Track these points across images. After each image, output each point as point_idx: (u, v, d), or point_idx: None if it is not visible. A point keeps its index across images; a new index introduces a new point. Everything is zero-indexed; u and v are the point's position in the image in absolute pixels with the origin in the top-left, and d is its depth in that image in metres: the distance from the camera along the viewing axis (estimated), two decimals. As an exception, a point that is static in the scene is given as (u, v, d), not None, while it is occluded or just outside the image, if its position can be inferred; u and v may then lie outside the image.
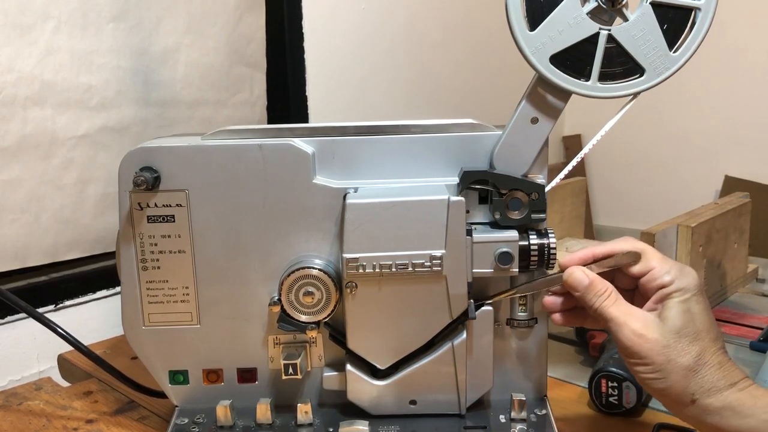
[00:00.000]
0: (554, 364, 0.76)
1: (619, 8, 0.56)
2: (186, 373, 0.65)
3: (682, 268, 0.55)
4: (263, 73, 1.47)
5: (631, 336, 0.52)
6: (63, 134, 1.11)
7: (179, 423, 0.64)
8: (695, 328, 0.52)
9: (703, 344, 0.52)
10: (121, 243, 0.62)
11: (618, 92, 0.57)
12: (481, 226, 0.61)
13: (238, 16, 1.39)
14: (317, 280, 0.60)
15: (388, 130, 0.61)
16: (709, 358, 0.52)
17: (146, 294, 0.62)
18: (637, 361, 0.52)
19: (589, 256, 0.58)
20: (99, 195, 1.17)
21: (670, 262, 0.56)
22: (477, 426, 0.62)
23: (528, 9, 0.56)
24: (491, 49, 1.93)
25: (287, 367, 0.62)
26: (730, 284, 1.03)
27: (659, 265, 0.55)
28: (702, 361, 0.51)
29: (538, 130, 0.59)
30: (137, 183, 0.58)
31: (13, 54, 1.04)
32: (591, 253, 0.58)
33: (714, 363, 0.51)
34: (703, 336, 0.52)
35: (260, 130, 0.62)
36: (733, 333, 0.88)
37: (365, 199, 0.58)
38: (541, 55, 0.56)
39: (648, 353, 0.52)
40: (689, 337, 0.52)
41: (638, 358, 0.52)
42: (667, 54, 0.56)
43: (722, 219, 0.97)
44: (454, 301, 0.59)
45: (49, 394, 0.77)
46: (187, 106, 1.31)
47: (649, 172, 2.30)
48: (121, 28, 1.18)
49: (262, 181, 0.60)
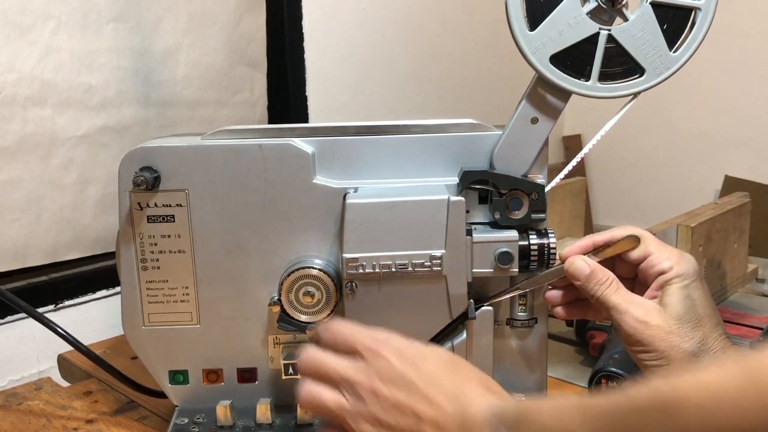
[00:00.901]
0: (554, 364, 0.76)
1: (619, 8, 0.56)
2: (186, 373, 0.65)
3: (681, 254, 0.56)
4: (264, 73, 1.47)
5: (634, 323, 0.52)
6: (63, 134, 1.11)
7: (179, 423, 0.64)
8: (697, 313, 0.52)
9: (705, 330, 0.52)
10: (121, 243, 0.62)
11: (618, 92, 0.57)
12: (481, 226, 0.61)
13: (238, 16, 1.39)
14: (317, 280, 0.60)
15: (388, 130, 0.61)
16: (712, 343, 0.52)
17: (146, 294, 0.62)
18: (640, 348, 0.52)
19: (589, 245, 0.58)
20: (99, 195, 1.17)
21: (669, 248, 0.56)
22: (477, 426, 0.62)
23: (528, 9, 0.56)
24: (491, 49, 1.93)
25: (287, 367, 0.62)
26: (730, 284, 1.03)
27: (658, 251, 0.56)
28: (705, 346, 0.51)
29: (538, 130, 0.59)
30: (137, 183, 0.58)
31: (13, 54, 1.04)
32: (591, 242, 0.58)
33: (717, 348, 0.52)
34: (705, 322, 0.52)
35: (260, 130, 0.62)
36: (733, 333, 0.88)
37: (365, 199, 0.58)
38: (541, 55, 0.56)
39: (651, 340, 0.52)
40: (691, 322, 0.52)
41: (641, 346, 0.52)
42: (667, 54, 0.56)
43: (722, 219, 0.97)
44: (454, 301, 0.59)
45: (49, 394, 0.77)
46: (187, 106, 1.31)
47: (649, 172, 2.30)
48: (121, 28, 1.18)
49: (262, 181, 0.60)
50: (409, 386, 0.45)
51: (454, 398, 0.44)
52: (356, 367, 0.47)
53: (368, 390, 0.46)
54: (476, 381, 0.46)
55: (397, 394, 0.45)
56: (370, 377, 0.46)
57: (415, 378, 0.45)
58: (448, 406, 0.44)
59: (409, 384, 0.45)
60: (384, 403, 0.45)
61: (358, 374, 0.46)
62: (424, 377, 0.45)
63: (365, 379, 0.46)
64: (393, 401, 0.45)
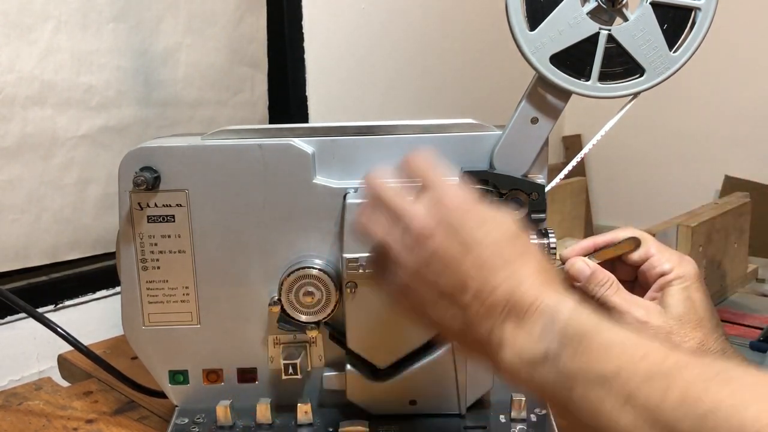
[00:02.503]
0: (554, 364, 0.76)
1: (619, 8, 0.56)
2: (186, 373, 0.65)
3: (681, 256, 0.56)
4: (264, 73, 1.47)
5: (635, 324, 0.52)
6: (63, 134, 1.11)
7: (179, 423, 0.64)
8: (697, 315, 0.53)
9: (705, 331, 0.52)
10: (121, 243, 0.62)
11: (618, 92, 0.57)
12: (481, 226, 0.61)
13: (238, 16, 1.39)
14: (317, 280, 0.60)
15: (389, 130, 0.61)
16: (712, 344, 0.52)
17: (146, 294, 0.62)
18: None
19: (590, 246, 0.58)
20: (99, 195, 1.17)
21: (669, 250, 0.56)
22: (477, 426, 0.62)
23: (528, 9, 0.56)
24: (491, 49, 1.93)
25: (287, 367, 0.62)
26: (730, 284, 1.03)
27: (658, 253, 0.56)
28: (705, 347, 0.51)
29: (538, 130, 0.59)
30: (137, 183, 0.58)
31: (14, 54, 1.04)
32: (592, 243, 0.58)
33: (717, 349, 0.52)
34: (705, 323, 0.53)
35: (260, 130, 0.62)
36: (733, 333, 0.88)
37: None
38: (541, 55, 0.56)
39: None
40: (691, 323, 0.52)
41: None
42: (667, 54, 0.56)
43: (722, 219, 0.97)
44: (454, 301, 0.59)
45: (49, 394, 0.77)
46: (188, 106, 1.31)
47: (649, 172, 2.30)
48: (121, 28, 1.18)
49: (262, 181, 0.60)
50: (465, 246, 0.43)
51: (507, 273, 0.43)
52: (417, 211, 0.45)
53: (421, 237, 0.44)
54: (534, 261, 0.44)
55: (450, 250, 0.43)
56: (428, 225, 0.44)
57: (472, 241, 0.43)
58: (497, 279, 0.42)
59: (465, 244, 0.43)
60: (432, 256, 0.43)
61: (417, 218, 0.45)
62: (483, 243, 0.43)
63: (423, 226, 0.44)
64: (442, 256, 0.43)
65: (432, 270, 0.44)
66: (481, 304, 0.43)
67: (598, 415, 0.37)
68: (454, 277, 0.43)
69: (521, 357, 0.41)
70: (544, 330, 0.40)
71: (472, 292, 0.43)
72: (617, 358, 0.37)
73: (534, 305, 0.41)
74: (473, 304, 0.43)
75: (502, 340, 0.42)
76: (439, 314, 0.45)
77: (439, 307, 0.44)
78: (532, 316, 0.41)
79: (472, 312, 0.43)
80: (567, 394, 0.39)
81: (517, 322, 0.42)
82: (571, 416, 0.39)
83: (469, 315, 0.43)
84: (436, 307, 0.44)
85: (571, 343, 0.39)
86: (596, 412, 0.37)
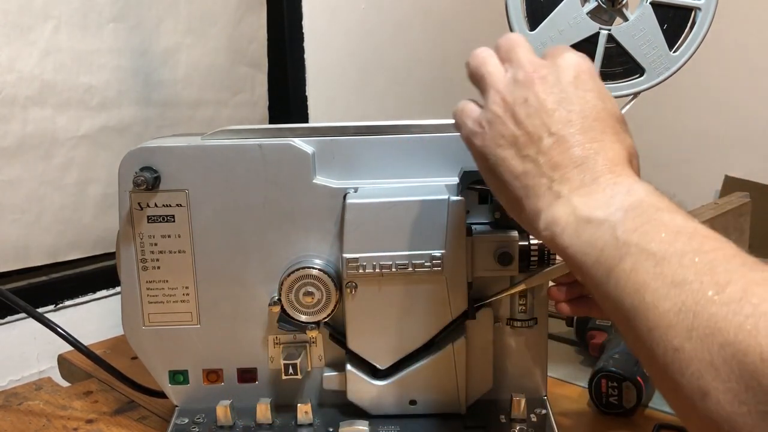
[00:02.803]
0: (554, 364, 0.76)
1: (619, 8, 0.56)
2: (186, 373, 0.65)
3: None
4: (264, 73, 1.47)
5: None
6: (63, 134, 1.11)
7: (179, 423, 0.64)
8: None
9: None
10: (121, 243, 0.62)
11: (618, 92, 0.57)
12: (481, 226, 0.61)
13: (239, 16, 1.39)
14: (317, 280, 0.60)
15: (388, 130, 0.61)
16: None
17: (146, 294, 0.62)
18: None
19: None
20: (99, 195, 1.17)
21: None
22: (477, 426, 0.62)
23: (528, 9, 0.56)
24: (491, 49, 1.92)
25: (287, 367, 0.62)
26: (731, 284, 1.03)
27: None
28: None
29: (538, 130, 0.59)
30: (137, 183, 0.58)
31: (14, 54, 1.04)
32: None
33: None
34: None
35: (260, 130, 0.62)
36: (733, 333, 0.88)
37: (365, 199, 0.58)
38: (541, 55, 0.56)
39: None
40: None
41: None
42: (667, 54, 0.56)
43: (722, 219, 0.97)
44: (454, 301, 0.59)
45: (49, 394, 0.77)
46: (188, 106, 1.31)
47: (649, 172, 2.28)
48: (121, 28, 1.18)
49: (262, 181, 0.60)
50: (563, 101, 0.44)
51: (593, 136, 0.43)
52: (534, 59, 0.46)
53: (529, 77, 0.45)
54: (627, 147, 0.45)
55: (551, 97, 0.44)
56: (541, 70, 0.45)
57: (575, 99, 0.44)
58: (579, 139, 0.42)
59: (565, 100, 0.44)
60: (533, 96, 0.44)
61: (533, 63, 0.46)
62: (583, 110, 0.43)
63: (536, 69, 0.45)
64: (542, 100, 0.44)
65: (524, 109, 0.44)
66: (553, 156, 0.42)
67: (641, 292, 0.36)
68: (539, 123, 0.43)
69: (576, 214, 0.41)
70: (613, 197, 0.40)
71: (551, 141, 0.43)
72: (684, 244, 0.36)
73: (610, 175, 0.41)
74: (548, 153, 0.43)
75: (560, 193, 0.42)
76: (507, 154, 0.44)
77: (512, 149, 0.44)
78: (605, 182, 0.41)
79: (541, 161, 0.43)
80: (615, 262, 0.37)
81: (582, 182, 0.41)
82: (602, 289, 0.38)
83: (537, 163, 0.43)
84: (508, 148, 0.44)
85: (640, 217, 0.38)
86: (640, 288, 0.36)
